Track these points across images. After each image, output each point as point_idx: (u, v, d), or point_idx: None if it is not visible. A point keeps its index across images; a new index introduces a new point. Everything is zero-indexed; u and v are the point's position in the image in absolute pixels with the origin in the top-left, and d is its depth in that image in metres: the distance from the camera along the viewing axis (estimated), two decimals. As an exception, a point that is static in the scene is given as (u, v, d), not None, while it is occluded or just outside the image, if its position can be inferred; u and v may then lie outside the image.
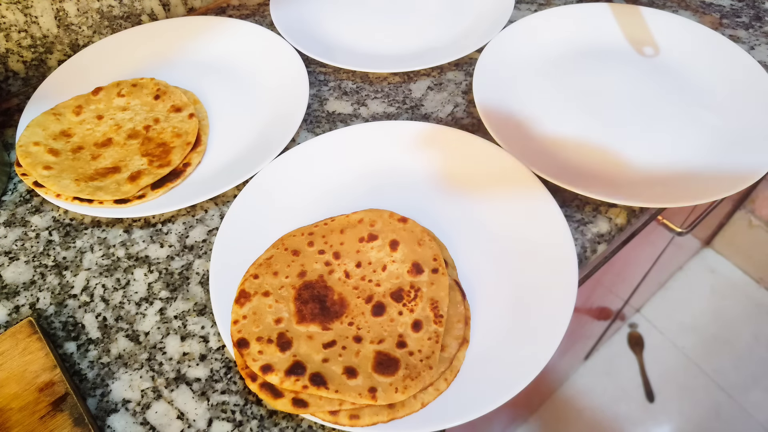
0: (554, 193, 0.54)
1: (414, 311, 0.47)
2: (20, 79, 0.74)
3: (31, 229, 0.59)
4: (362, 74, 0.73)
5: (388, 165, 0.60)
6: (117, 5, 0.76)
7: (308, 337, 0.46)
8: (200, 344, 0.49)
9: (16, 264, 0.56)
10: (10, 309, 0.53)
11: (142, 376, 0.48)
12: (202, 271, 0.54)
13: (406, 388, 0.42)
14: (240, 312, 0.48)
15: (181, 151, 0.61)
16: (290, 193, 0.58)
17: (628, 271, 1.03)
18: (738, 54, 0.66)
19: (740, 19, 0.77)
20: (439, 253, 0.50)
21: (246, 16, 0.82)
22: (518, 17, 0.74)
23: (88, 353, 0.49)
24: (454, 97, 0.69)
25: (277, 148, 0.60)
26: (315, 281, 0.50)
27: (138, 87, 0.68)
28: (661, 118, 0.63)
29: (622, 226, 0.56)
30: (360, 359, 0.44)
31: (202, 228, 0.58)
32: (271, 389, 0.43)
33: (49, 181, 0.57)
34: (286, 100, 0.66)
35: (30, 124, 0.63)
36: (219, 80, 0.72)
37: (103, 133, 0.64)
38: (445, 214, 0.56)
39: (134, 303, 0.52)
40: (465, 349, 0.46)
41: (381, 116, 0.68)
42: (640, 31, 0.72)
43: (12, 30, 0.70)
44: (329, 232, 0.53)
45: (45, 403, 0.43)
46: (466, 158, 0.59)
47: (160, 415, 0.46)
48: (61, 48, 0.75)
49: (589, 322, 1.12)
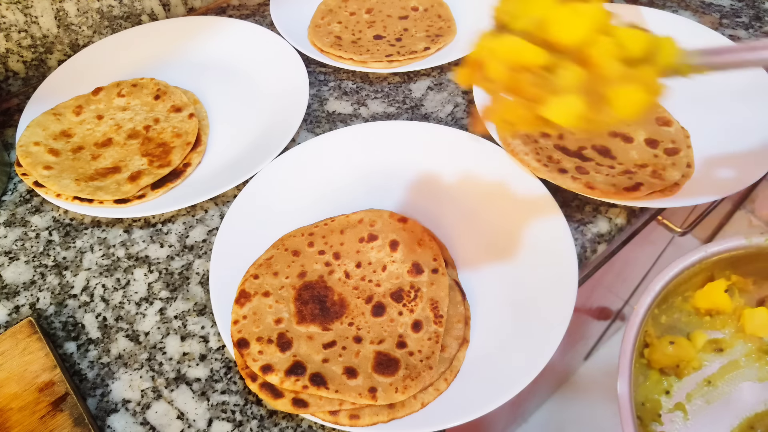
0: (554, 193, 0.54)
1: (414, 311, 0.47)
2: (20, 79, 0.74)
3: (31, 229, 0.59)
4: (362, 74, 0.73)
5: (388, 165, 0.60)
6: (117, 5, 0.76)
7: (308, 337, 0.46)
8: (200, 344, 0.49)
9: (16, 264, 0.56)
10: (10, 309, 0.53)
11: (142, 376, 0.48)
12: (202, 271, 0.54)
13: (406, 388, 0.42)
14: (240, 312, 0.48)
15: (181, 151, 0.61)
16: (290, 193, 0.58)
17: (628, 271, 1.03)
18: (738, 54, 0.66)
19: (740, 19, 0.77)
20: (439, 253, 0.50)
21: (246, 16, 0.82)
22: (518, 17, 0.74)
23: (88, 353, 0.49)
24: (454, 97, 0.69)
25: (277, 148, 0.60)
26: (315, 282, 0.50)
27: (138, 87, 0.68)
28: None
29: (622, 226, 0.56)
30: (360, 359, 0.44)
31: (202, 228, 0.58)
32: (271, 389, 0.43)
33: (49, 181, 0.57)
34: (286, 100, 0.66)
35: (30, 124, 0.63)
36: (219, 80, 0.72)
37: (103, 133, 0.64)
38: (445, 214, 0.56)
39: (134, 303, 0.52)
40: (465, 349, 0.46)
41: (381, 116, 0.68)
42: (640, 31, 0.72)
43: (12, 30, 0.70)
44: (329, 232, 0.53)
45: (45, 403, 0.43)
46: (466, 158, 0.59)
47: (160, 415, 0.46)
48: (61, 48, 0.75)
49: (589, 322, 1.12)
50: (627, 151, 0.59)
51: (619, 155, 0.58)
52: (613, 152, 0.58)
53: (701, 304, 0.44)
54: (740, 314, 0.45)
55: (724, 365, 0.44)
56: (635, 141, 0.59)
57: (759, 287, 0.45)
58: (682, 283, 0.43)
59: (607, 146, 0.59)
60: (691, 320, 0.45)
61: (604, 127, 0.35)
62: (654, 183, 0.54)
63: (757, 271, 0.44)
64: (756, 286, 0.45)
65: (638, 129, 0.60)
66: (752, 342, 0.44)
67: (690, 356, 0.43)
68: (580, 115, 0.32)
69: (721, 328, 0.45)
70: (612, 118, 0.33)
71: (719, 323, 0.45)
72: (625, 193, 0.53)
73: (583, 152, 0.59)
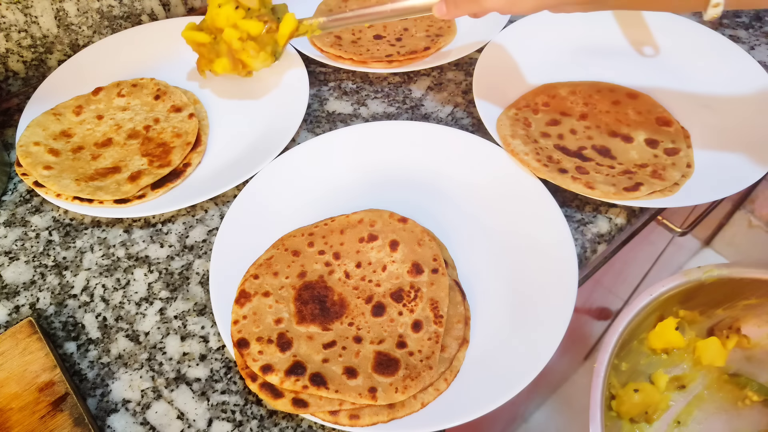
0: (554, 193, 0.54)
1: (414, 311, 0.47)
2: (20, 79, 0.74)
3: (31, 229, 0.59)
4: (362, 74, 0.73)
5: (388, 165, 0.60)
6: (117, 5, 0.76)
7: (308, 337, 0.46)
8: (200, 344, 0.49)
9: (16, 264, 0.56)
10: (10, 309, 0.53)
11: (142, 376, 0.48)
12: (202, 271, 0.54)
13: (406, 388, 0.42)
14: (240, 312, 0.48)
15: (181, 151, 0.61)
16: (290, 193, 0.58)
17: (628, 271, 1.03)
18: (738, 54, 0.66)
19: (740, 19, 0.77)
20: (439, 253, 0.50)
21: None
22: (518, 17, 0.74)
23: (88, 353, 0.49)
24: (454, 97, 0.69)
25: (277, 148, 0.60)
26: (315, 282, 0.50)
27: (138, 87, 0.68)
28: (661, 118, 0.63)
29: (622, 226, 0.56)
30: (360, 359, 0.44)
31: (202, 228, 0.58)
32: (271, 389, 0.43)
33: (49, 181, 0.57)
34: (286, 100, 0.66)
35: (30, 124, 0.63)
36: (219, 80, 0.72)
37: (103, 133, 0.64)
38: (445, 214, 0.56)
39: (134, 303, 0.52)
40: (465, 349, 0.46)
41: (381, 116, 0.68)
42: (640, 31, 0.72)
43: (12, 30, 0.70)
44: (329, 232, 0.53)
45: (45, 403, 0.43)
46: (466, 158, 0.59)
47: (160, 415, 0.46)
48: (61, 48, 0.75)
49: (589, 322, 1.12)
50: (627, 151, 0.59)
51: (619, 155, 0.58)
52: (613, 152, 0.58)
53: (656, 344, 0.46)
54: (694, 347, 0.46)
55: (690, 401, 0.45)
56: (635, 141, 0.59)
57: (707, 317, 0.47)
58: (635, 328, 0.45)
59: (607, 146, 0.59)
60: (651, 361, 0.47)
61: (244, 73, 0.63)
62: (654, 183, 0.54)
63: (702, 302, 0.46)
64: (704, 317, 0.47)
65: (638, 129, 0.60)
66: (711, 372, 0.46)
67: (656, 400, 0.44)
68: (228, 68, 0.62)
69: (679, 363, 0.46)
70: (245, 70, 0.62)
71: (677, 359, 0.47)
72: (625, 193, 0.53)
73: (583, 152, 0.59)
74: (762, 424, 0.44)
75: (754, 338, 0.46)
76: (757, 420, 0.44)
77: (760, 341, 0.46)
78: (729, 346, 0.45)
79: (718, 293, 0.46)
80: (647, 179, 0.54)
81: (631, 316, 0.42)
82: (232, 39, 0.61)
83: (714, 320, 0.46)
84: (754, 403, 0.44)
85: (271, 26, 0.61)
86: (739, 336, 0.46)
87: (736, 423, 0.44)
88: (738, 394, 0.45)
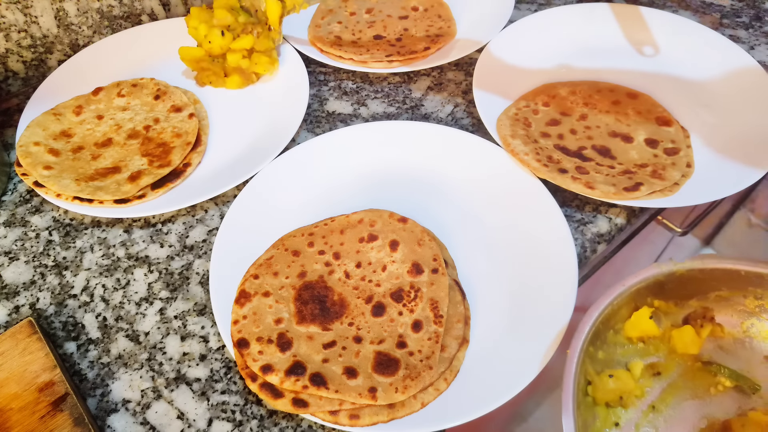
0: (554, 193, 0.54)
1: (414, 311, 0.47)
2: (20, 79, 0.74)
3: (31, 229, 0.59)
4: (362, 74, 0.73)
5: (388, 165, 0.60)
6: (117, 5, 0.76)
7: (308, 337, 0.46)
8: (200, 344, 0.49)
9: (16, 264, 0.56)
10: (10, 309, 0.53)
11: (142, 376, 0.48)
12: (202, 271, 0.54)
13: (406, 388, 0.42)
14: (240, 312, 0.48)
15: (181, 151, 0.61)
16: (290, 193, 0.58)
17: (628, 271, 1.02)
18: (738, 54, 0.66)
19: (740, 19, 0.77)
20: (439, 253, 0.50)
21: (246, 16, 0.82)
22: (518, 17, 0.74)
23: (88, 353, 0.49)
24: (454, 97, 0.69)
25: (277, 148, 0.60)
26: (315, 282, 0.50)
27: (138, 87, 0.68)
28: (661, 118, 0.62)
29: (622, 226, 0.56)
30: (360, 359, 0.44)
31: (202, 228, 0.58)
32: (271, 389, 0.43)
33: (49, 181, 0.57)
34: (286, 100, 0.66)
35: (30, 124, 0.63)
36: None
37: (103, 133, 0.64)
38: (445, 214, 0.56)
39: (134, 303, 0.52)
40: (465, 349, 0.46)
41: (381, 116, 0.68)
42: (640, 31, 0.72)
43: (12, 30, 0.70)
44: (329, 232, 0.53)
45: (45, 403, 0.43)
46: (466, 158, 0.59)
47: (160, 415, 0.46)
48: (61, 48, 0.75)
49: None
50: (627, 151, 0.59)
51: (619, 155, 0.58)
52: (613, 152, 0.58)
53: (631, 333, 0.47)
54: (669, 336, 0.47)
55: (665, 389, 0.46)
56: (635, 141, 0.59)
57: (681, 307, 0.48)
58: (610, 318, 0.46)
59: (607, 146, 0.59)
60: (627, 350, 0.48)
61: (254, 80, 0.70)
62: (654, 183, 0.54)
63: (676, 293, 0.47)
64: (678, 307, 0.48)
65: (638, 129, 0.60)
66: (685, 360, 0.47)
67: (630, 387, 0.45)
68: (241, 83, 0.69)
69: (656, 353, 0.48)
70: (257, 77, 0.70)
71: (653, 348, 0.48)
72: (625, 193, 0.53)
73: (583, 152, 0.59)
74: (733, 408, 0.45)
75: (728, 327, 0.48)
76: (728, 405, 0.45)
77: (732, 330, 0.48)
78: (703, 335, 0.47)
79: (691, 285, 0.47)
80: (647, 179, 0.54)
81: (604, 306, 0.44)
82: (238, 62, 0.67)
83: (687, 310, 0.48)
84: (726, 389, 0.46)
85: (258, 30, 0.65)
86: (713, 325, 0.47)
87: (708, 408, 0.45)
88: (711, 381, 0.46)
